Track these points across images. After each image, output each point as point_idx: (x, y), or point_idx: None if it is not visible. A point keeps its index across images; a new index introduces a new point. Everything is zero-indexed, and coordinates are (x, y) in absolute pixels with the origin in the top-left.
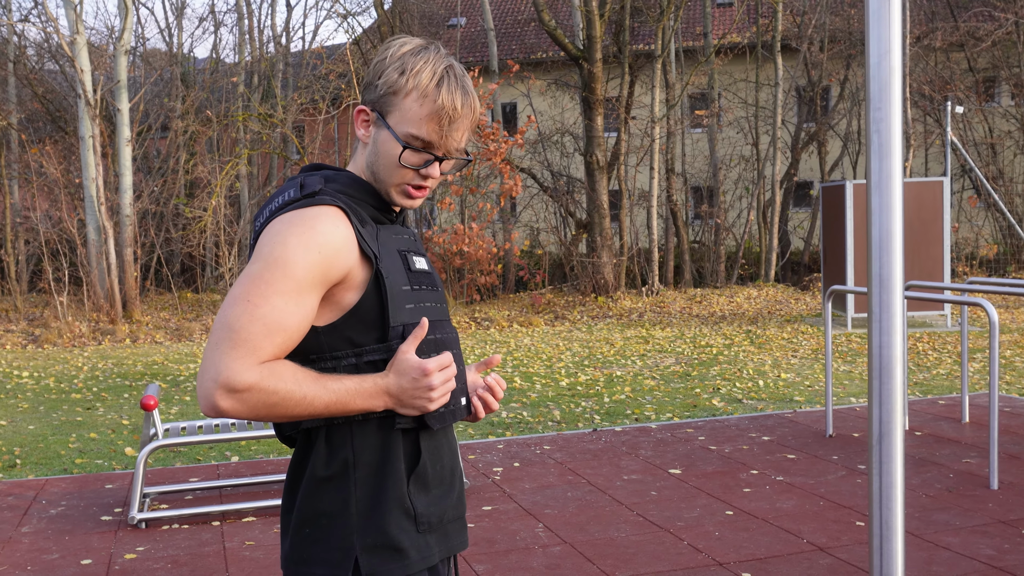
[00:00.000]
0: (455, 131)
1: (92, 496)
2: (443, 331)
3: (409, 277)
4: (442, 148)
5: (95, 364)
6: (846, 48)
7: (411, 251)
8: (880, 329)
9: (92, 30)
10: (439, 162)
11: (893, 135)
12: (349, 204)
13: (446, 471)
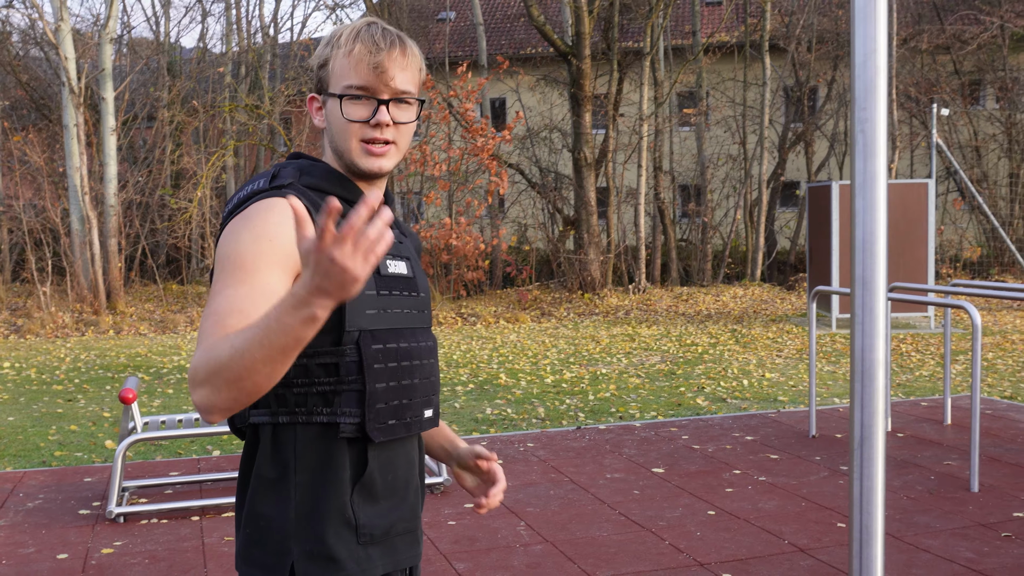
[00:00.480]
0: (390, 69)
1: (70, 489)
2: (414, 339)
3: (376, 281)
4: (383, 91)
5: (78, 355)
6: (834, 49)
7: (387, 253)
8: (863, 331)
9: (77, 17)
10: (385, 106)
11: (878, 135)
12: (314, 199)
13: (399, 482)
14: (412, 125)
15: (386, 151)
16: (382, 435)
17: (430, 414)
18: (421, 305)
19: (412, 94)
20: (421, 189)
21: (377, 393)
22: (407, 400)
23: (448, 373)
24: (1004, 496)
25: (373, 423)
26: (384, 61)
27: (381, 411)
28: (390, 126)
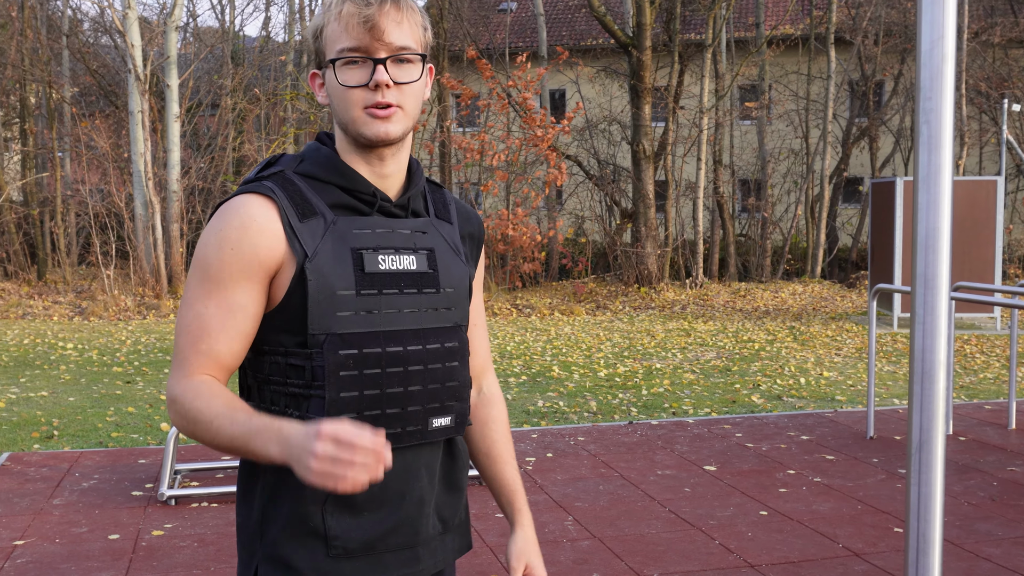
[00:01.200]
0: (383, 23)
1: (125, 470)
2: (416, 342)
3: (359, 280)
4: (379, 49)
5: (138, 338)
6: (901, 42)
7: (384, 247)
8: (923, 331)
9: (145, 5)
10: (382, 65)
11: (944, 127)
12: (294, 191)
13: (390, 494)
14: (418, 86)
15: (390, 114)
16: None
17: (445, 423)
18: (439, 303)
19: (412, 49)
20: (479, 179)
21: (340, 402)
22: (396, 409)
23: (501, 364)
24: None
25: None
26: (375, 15)
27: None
28: (391, 87)
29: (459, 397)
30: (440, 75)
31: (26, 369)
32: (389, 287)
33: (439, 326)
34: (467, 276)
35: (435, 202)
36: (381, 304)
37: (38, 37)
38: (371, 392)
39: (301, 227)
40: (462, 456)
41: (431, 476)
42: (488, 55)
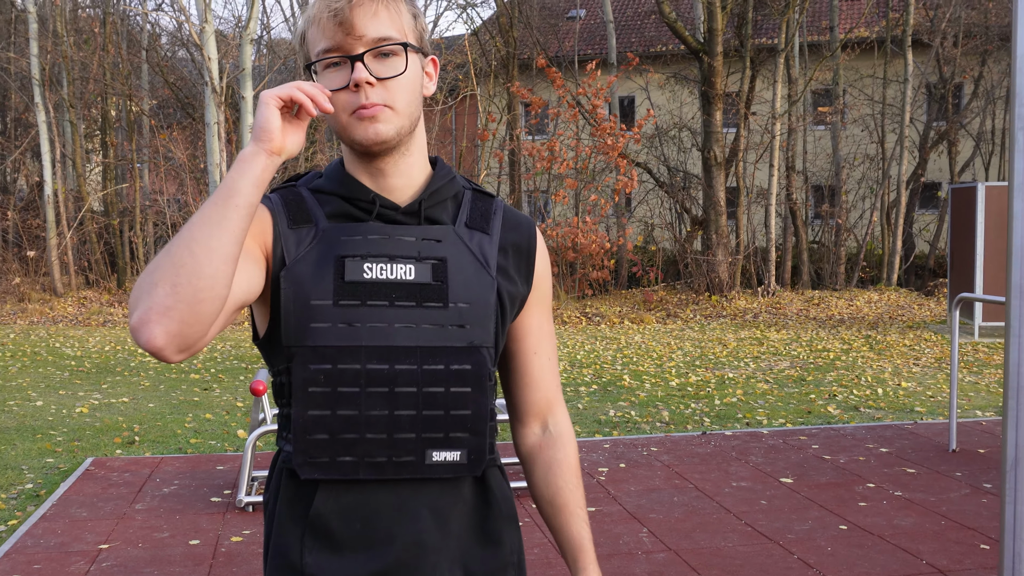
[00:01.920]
0: (354, 16)
1: (204, 476)
2: (408, 361)
3: (337, 288)
4: (355, 45)
5: (213, 345)
6: (982, 43)
7: (376, 255)
8: (1019, 344)
9: (220, 19)
10: (360, 62)
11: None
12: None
13: (376, 533)
14: (407, 80)
15: (375, 113)
16: (317, 471)
17: (451, 458)
18: (446, 319)
19: (392, 39)
20: (548, 187)
21: (308, 421)
22: (379, 435)
23: (571, 373)
24: None
25: (302, 455)
26: (345, 9)
27: (315, 443)
28: (373, 84)
29: (473, 429)
30: (510, 83)
31: (107, 375)
32: (376, 298)
33: (445, 345)
34: (493, 291)
35: (473, 210)
36: (364, 316)
37: (119, 52)
38: (346, 412)
39: (288, 233)
40: (502, 504)
41: (440, 521)
42: (557, 63)
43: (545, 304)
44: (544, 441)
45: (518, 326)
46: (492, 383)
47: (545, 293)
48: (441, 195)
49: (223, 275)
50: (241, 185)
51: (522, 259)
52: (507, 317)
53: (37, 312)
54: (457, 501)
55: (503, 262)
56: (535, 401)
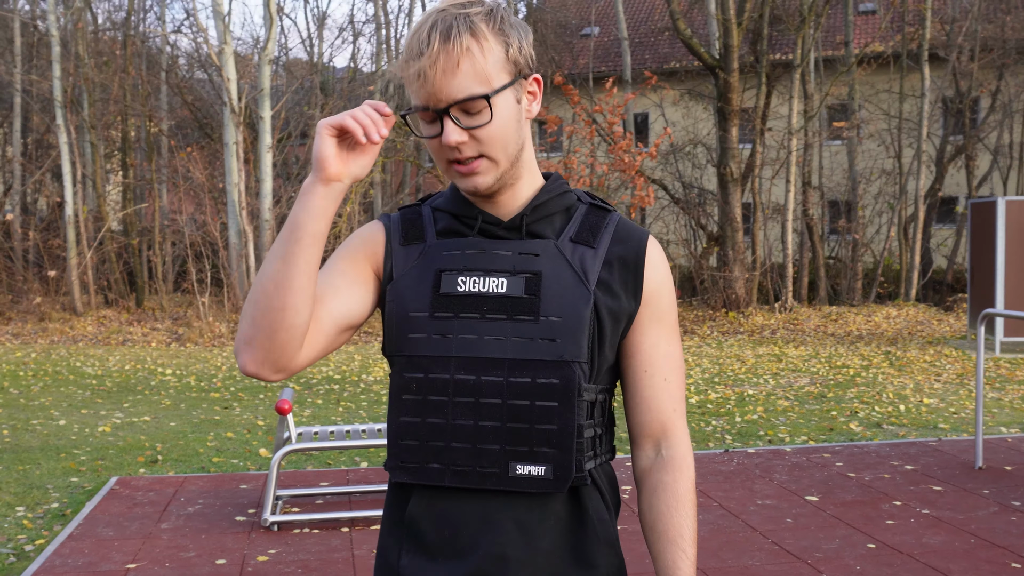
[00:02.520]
0: (432, 77)
1: (227, 496)
2: (496, 373)
3: (435, 301)
4: (440, 101)
5: (233, 364)
6: (999, 57)
7: (471, 269)
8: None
9: (239, 40)
10: (448, 117)
11: None
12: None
13: (462, 542)
14: (496, 128)
15: (474, 168)
16: (407, 476)
17: (535, 472)
18: (536, 332)
19: (474, 94)
20: None
21: (401, 427)
22: (465, 444)
23: None
24: None
25: (395, 459)
26: (425, 69)
27: (406, 448)
28: (464, 141)
29: (559, 445)
30: None
31: (128, 394)
32: (468, 310)
33: (534, 358)
34: (588, 305)
35: (583, 224)
36: (456, 328)
37: (139, 73)
38: (435, 420)
39: (399, 251)
40: (598, 526)
41: (527, 535)
42: (572, 80)
43: (661, 322)
44: (655, 464)
45: (629, 344)
46: (585, 399)
47: (661, 310)
48: (546, 209)
49: (295, 306)
50: (302, 219)
51: (629, 273)
52: (606, 332)
53: (57, 331)
54: (546, 517)
55: (606, 276)
56: (646, 423)
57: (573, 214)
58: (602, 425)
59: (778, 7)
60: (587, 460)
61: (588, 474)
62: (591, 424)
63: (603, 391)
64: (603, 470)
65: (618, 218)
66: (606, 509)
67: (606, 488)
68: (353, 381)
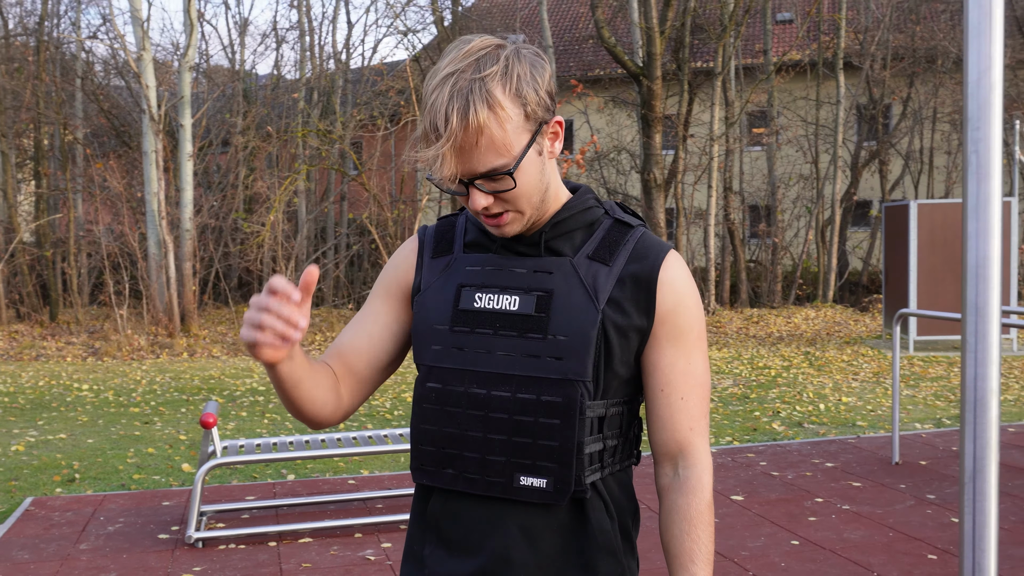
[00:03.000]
0: (452, 159)
1: (149, 513)
2: (503, 388)
3: (454, 316)
4: (463, 176)
5: (153, 378)
6: (909, 65)
7: (490, 286)
8: (975, 359)
9: (158, 46)
10: (471, 186)
11: (992, 156)
12: (446, 231)
13: (472, 542)
14: (521, 189)
15: (503, 221)
16: (425, 478)
17: (537, 484)
18: (543, 350)
19: (496, 168)
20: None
21: (421, 432)
22: (476, 454)
23: None
24: None
25: (416, 461)
26: (446, 153)
27: (425, 453)
28: (491, 204)
29: (560, 460)
30: None
31: (43, 411)
32: (483, 326)
33: (539, 376)
34: (595, 325)
35: (603, 241)
36: (472, 343)
37: (53, 80)
38: (450, 430)
39: (430, 263)
40: (598, 535)
41: (530, 539)
42: None
43: (679, 340)
44: (672, 484)
45: (647, 362)
46: (588, 416)
47: (677, 328)
48: (567, 226)
49: (313, 408)
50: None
51: (641, 291)
52: (614, 350)
53: None
54: (550, 524)
55: (618, 294)
56: (663, 441)
57: (595, 230)
58: (617, 436)
59: (699, 16)
60: (590, 474)
61: (589, 487)
62: (598, 439)
63: (617, 404)
64: (614, 479)
65: (640, 234)
66: (608, 519)
67: (614, 498)
68: None
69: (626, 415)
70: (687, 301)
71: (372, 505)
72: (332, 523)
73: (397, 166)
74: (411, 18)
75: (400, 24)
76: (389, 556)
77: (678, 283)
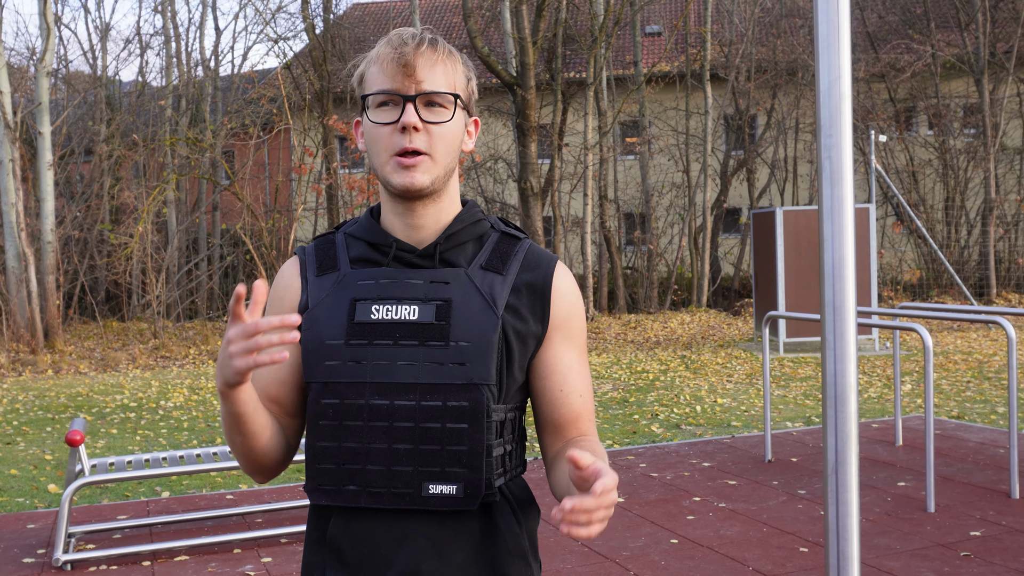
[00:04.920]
0: (416, 64)
1: (12, 537)
2: (407, 397)
3: (350, 329)
4: (410, 87)
5: (15, 396)
6: (772, 78)
7: (385, 298)
8: (834, 356)
9: (12, 51)
10: (412, 104)
11: (844, 162)
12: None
13: (378, 560)
14: (449, 130)
15: (416, 163)
16: (324, 498)
17: (447, 491)
18: (446, 357)
19: (443, 91)
20: None
21: (318, 451)
22: (380, 467)
23: None
24: (960, 516)
25: (312, 482)
26: (409, 55)
27: (323, 472)
28: (419, 130)
29: (469, 464)
30: (325, 117)
31: None
32: (382, 338)
33: (444, 382)
34: (496, 330)
35: (494, 252)
36: (370, 355)
37: None
38: (351, 445)
39: (315, 281)
40: (508, 539)
41: (440, 551)
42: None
43: (572, 342)
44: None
45: (542, 365)
46: (495, 419)
47: (571, 331)
48: (460, 238)
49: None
50: (227, 409)
51: (536, 298)
52: (514, 354)
53: None
54: (460, 533)
55: (515, 302)
56: (564, 435)
57: (485, 242)
58: (512, 442)
59: (571, 27)
60: (497, 477)
61: (498, 491)
62: (501, 443)
63: (513, 410)
64: (515, 484)
65: (528, 245)
66: (516, 523)
67: (519, 501)
68: (151, 408)
69: (518, 421)
70: (578, 308)
71: (251, 520)
72: (209, 539)
73: (271, 175)
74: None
75: (270, 31)
76: (270, 571)
77: (570, 291)
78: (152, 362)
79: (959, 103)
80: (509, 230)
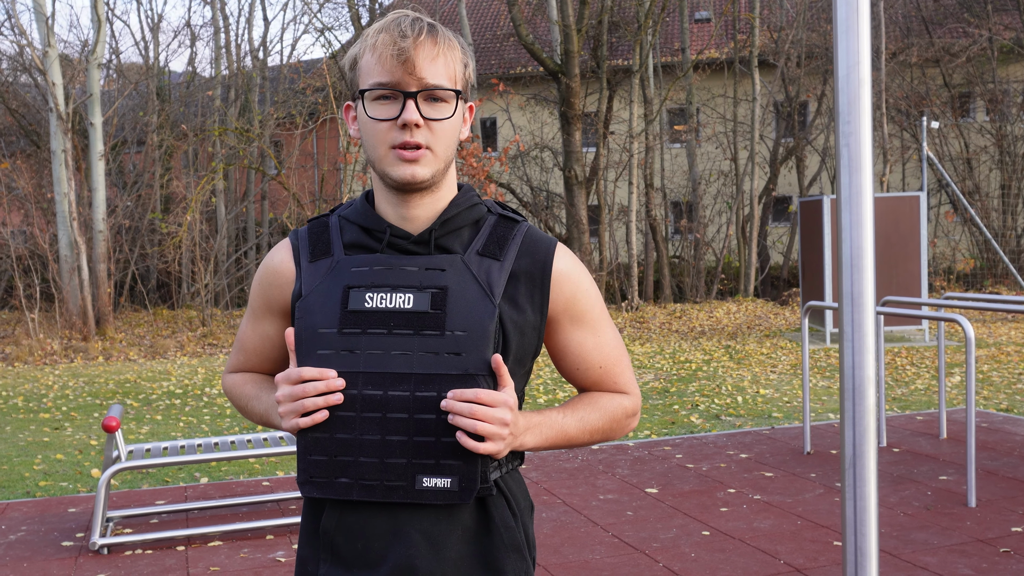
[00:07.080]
0: (416, 58)
1: (54, 520)
2: (401, 387)
3: (343, 318)
4: (411, 84)
5: (66, 382)
6: (823, 64)
7: (379, 285)
8: (852, 347)
9: (65, 43)
10: (413, 100)
11: (863, 149)
12: (319, 233)
13: (372, 555)
14: (450, 125)
15: (417, 156)
16: (316, 490)
17: (441, 484)
18: (442, 347)
19: (446, 87)
20: None
21: (309, 442)
22: (373, 459)
23: None
24: (1002, 511)
25: (304, 474)
26: (410, 48)
27: (315, 463)
28: (420, 126)
29: (464, 457)
30: None
31: None
32: (376, 326)
33: (440, 373)
34: (493, 319)
35: (490, 237)
36: (364, 344)
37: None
38: (343, 436)
39: (309, 267)
40: (503, 532)
41: (434, 546)
42: None
43: (583, 322)
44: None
45: (556, 348)
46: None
47: (580, 312)
48: (455, 223)
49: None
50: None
51: (535, 285)
52: (511, 344)
53: None
54: (454, 527)
55: (512, 289)
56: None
57: (482, 226)
58: None
59: (616, 14)
60: (492, 470)
61: (493, 484)
62: None
63: None
64: (511, 477)
65: (526, 228)
66: (512, 516)
67: (513, 495)
68: (196, 395)
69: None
70: (583, 286)
71: (286, 507)
72: (242, 525)
73: (318, 164)
74: (328, 15)
75: (317, 22)
76: None
77: (572, 273)
78: (199, 349)
79: (1017, 88)
80: (507, 213)
